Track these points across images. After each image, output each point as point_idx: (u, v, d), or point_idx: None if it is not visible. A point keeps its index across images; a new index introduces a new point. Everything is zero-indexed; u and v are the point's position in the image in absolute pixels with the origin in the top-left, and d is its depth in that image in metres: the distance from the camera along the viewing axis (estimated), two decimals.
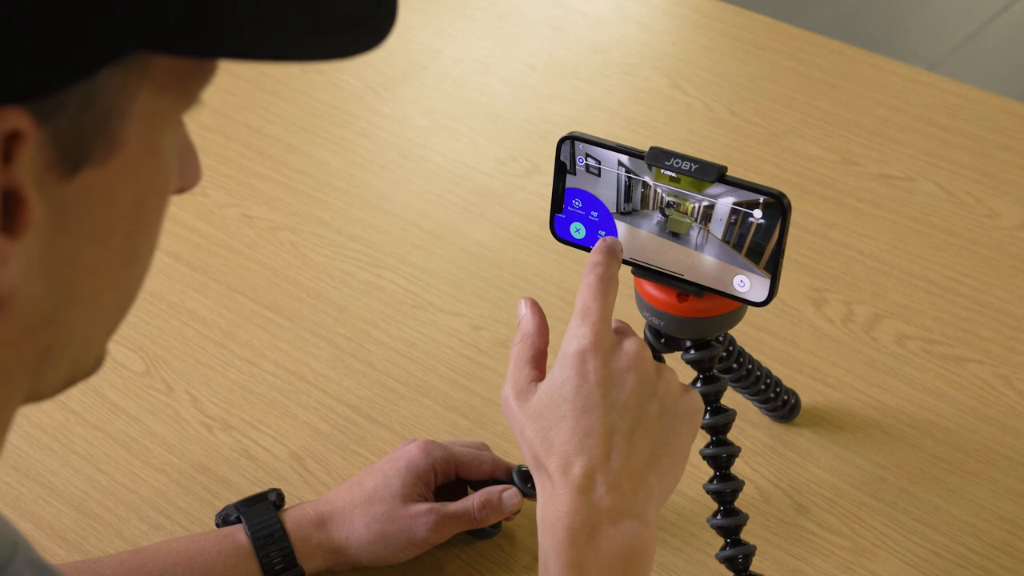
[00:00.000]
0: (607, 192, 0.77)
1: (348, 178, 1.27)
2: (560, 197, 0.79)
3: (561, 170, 0.79)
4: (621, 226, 0.78)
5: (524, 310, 0.76)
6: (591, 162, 0.77)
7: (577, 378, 0.70)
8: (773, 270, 0.75)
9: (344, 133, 1.33)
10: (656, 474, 0.70)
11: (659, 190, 0.76)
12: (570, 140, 0.77)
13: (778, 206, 0.73)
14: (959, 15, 2.95)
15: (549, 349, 0.75)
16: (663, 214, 0.76)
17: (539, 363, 0.74)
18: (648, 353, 0.72)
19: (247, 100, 1.37)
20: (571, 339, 0.72)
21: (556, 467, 0.69)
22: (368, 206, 1.24)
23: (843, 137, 1.30)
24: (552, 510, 0.69)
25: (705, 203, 0.75)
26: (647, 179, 0.76)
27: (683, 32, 1.51)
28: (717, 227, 0.75)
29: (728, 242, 0.75)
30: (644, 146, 0.76)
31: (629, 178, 0.76)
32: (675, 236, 0.76)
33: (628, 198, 0.77)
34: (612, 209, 0.78)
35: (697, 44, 1.47)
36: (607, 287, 0.73)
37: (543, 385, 0.72)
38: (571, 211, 0.79)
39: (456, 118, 1.35)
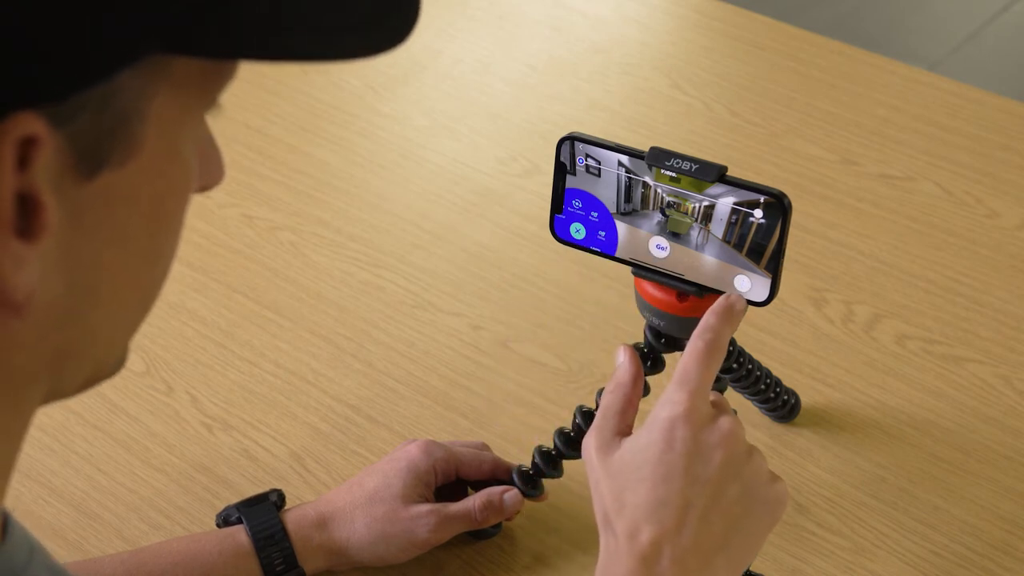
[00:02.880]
0: (607, 192, 0.77)
1: (348, 178, 1.27)
2: (560, 197, 0.79)
3: (561, 170, 0.79)
4: (621, 226, 0.78)
5: (622, 358, 0.74)
6: (591, 162, 0.77)
7: (663, 444, 0.68)
8: (774, 270, 0.75)
9: (344, 133, 1.33)
10: (725, 558, 0.67)
11: (659, 190, 0.76)
12: (570, 140, 0.77)
13: (778, 206, 0.73)
14: (959, 15, 2.95)
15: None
16: (663, 214, 0.76)
17: (628, 416, 0.72)
18: (741, 433, 0.70)
19: (247, 100, 1.37)
20: (665, 403, 0.69)
21: (624, 530, 0.67)
22: (368, 206, 1.24)
23: (843, 137, 1.30)
24: (611, 571, 0.67)
25: (705, 203, 0.75)
26: (647, 179, 0.76)
27: (683, 32, 1.51)
28: (717, 227, 0.75)
29: (728, 242, 0.75)
30: (644, 146, 0.76)
31: (629, 178, 0.76)
32: (675, 236, 0.76)
33: (628, 198, 0.77)
34: (612, 209, 0.78)
35: (697, 44, 1.47)
36: (713, 356, 0.70)
37: (627, 443, 0.70)
38: (571, 211, 0.79)
39: (456, 118, 1.35)
